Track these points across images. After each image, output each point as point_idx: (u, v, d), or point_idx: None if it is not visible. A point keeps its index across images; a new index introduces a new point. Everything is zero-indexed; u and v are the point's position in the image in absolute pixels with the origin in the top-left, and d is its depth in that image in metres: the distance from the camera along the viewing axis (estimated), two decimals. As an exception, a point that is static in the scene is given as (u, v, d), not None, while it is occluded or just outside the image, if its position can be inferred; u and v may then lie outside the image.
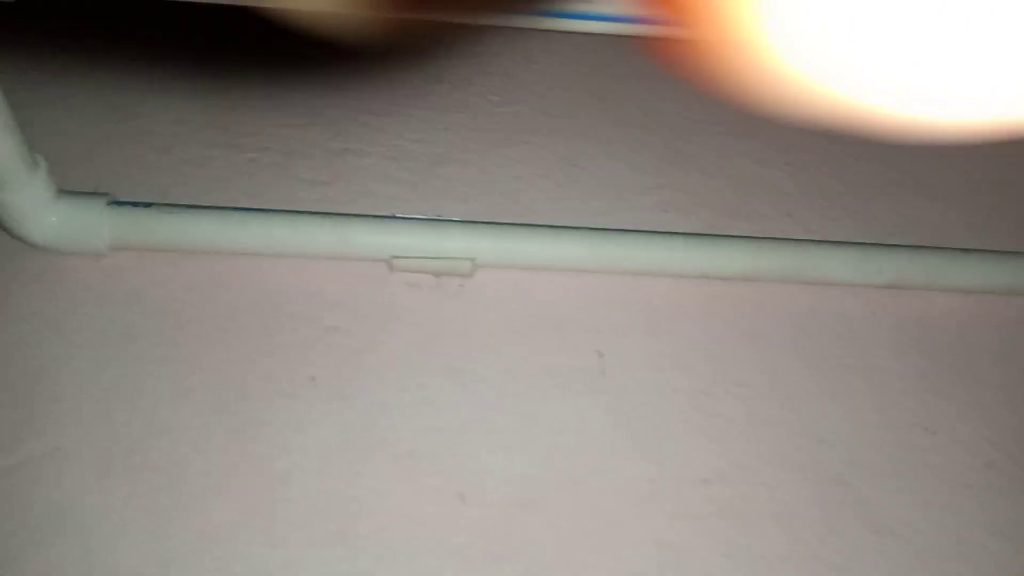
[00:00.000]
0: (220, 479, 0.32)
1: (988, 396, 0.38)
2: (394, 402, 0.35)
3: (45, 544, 0.30)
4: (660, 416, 0.36)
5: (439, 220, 0.38)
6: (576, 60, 0.49)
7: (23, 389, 0.34)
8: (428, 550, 0.32)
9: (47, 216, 0.35)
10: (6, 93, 0.30)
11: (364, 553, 0.32)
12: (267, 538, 0.31)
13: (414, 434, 0.34)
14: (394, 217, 0.38)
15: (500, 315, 0.38)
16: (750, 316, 0.39)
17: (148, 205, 0.37)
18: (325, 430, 0.34)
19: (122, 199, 0.37)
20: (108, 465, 0.32)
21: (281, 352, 0.36)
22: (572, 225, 0.40)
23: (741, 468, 0.35)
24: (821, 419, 0.37)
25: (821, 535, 0.34)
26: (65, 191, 0.36)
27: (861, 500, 0.35)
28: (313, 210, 0.39)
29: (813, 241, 0.39)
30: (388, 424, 0.34)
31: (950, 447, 0.37)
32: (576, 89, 0.48)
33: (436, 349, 0.37)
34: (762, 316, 0.40)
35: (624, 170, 0.44)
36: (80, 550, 0.30)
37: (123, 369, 0.35)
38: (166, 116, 0.44)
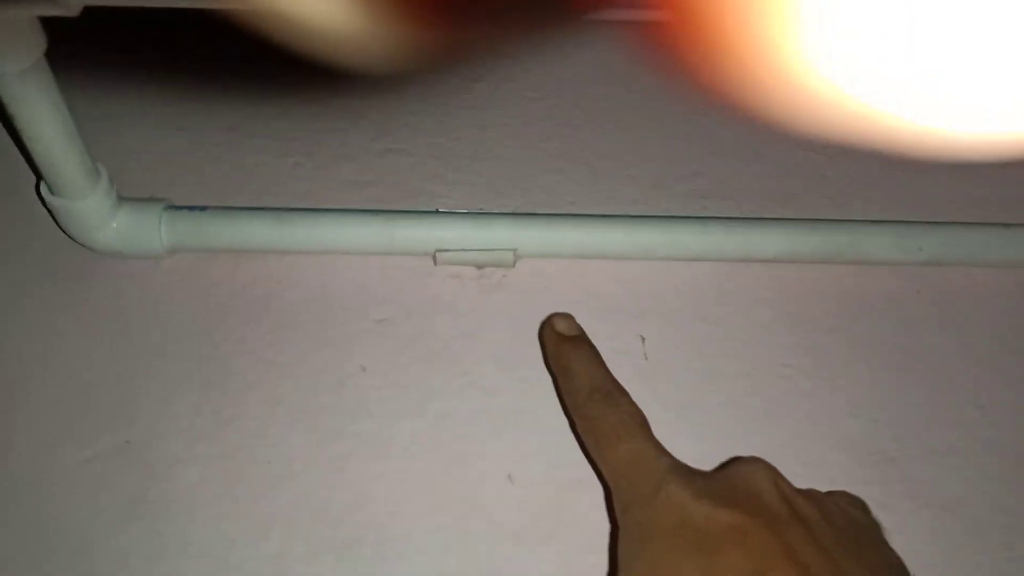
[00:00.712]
0: (281, 465, 0.34)
1: (1037, 370, 0.38)
2: (443, 388, 0.36)
3: (118, 531, 0.32)
4: (705, 398, 0.37)
5: (480, 213, 0.39)
6: (609, 54, 0.50)
7: (92, 388, 0.35)
8: (479, 528, 0.33)
9: (109, 223, 0.37)
10: (69, 105, 0.32)
11: (417, 532, 0.33)
12: (324, 519, 0.33)
13: (463, 419, 0.35)
14: (436, 212, 0.39)
15: (542, 303, 0.39)
16: (792, 298, 0.40)
17: (203, 209, 0.38)
18: (376, 416, 0.35)
19: (178, 204, 0.39)
20: (176, 455, 0.34)
21: (333, 345, 0.37)
22: (614, 214, 0.41)
23: (789, 447, 0.35)
24: (868, 398, 0.37)
25: (875, 512, 0.34)
26: (125, 198, 0.38)
27: (911, 476, 0.35)
28: (359, 208, 0.40)
29: (851, 221, 0.39)
30: (438, 410, 0.35)
31: (1000, 421, 0.37)
32: (610, 82, 0.49)
33: (482, 337, 0.38)
34: (804, 298, 0.40)
35: (660, 159, 0.45)
36: (151, 534, 0.32)
37: (186, 365, 0.36)
38: (217, 125, 0.45)
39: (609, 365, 0.36)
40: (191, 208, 0.38)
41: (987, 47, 0.07)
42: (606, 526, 0.33)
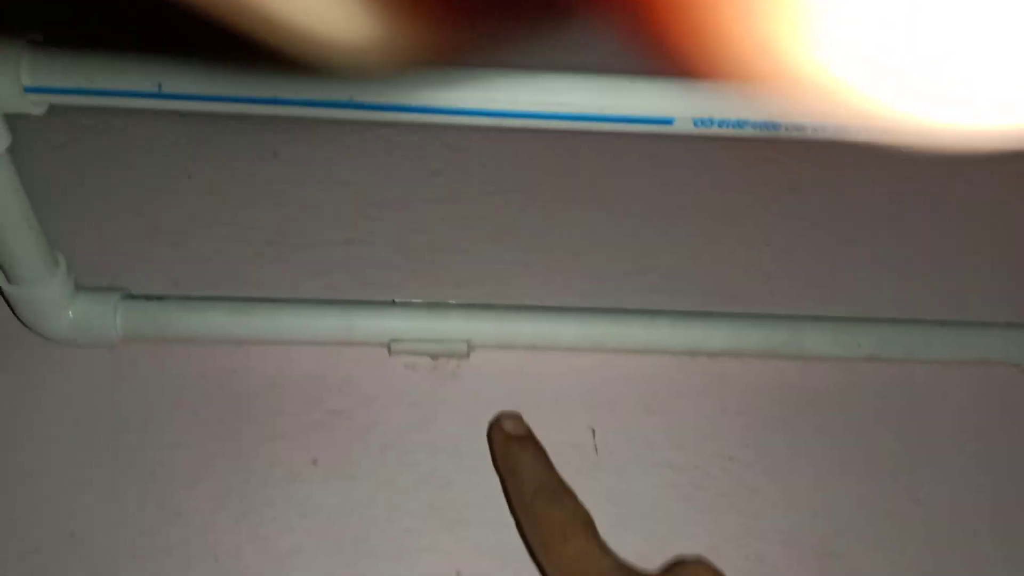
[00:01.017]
0: (227, 561, 0.33)
1: (970, 464, 0.39)
2: (394, 481, 0.36)
3: (55, 629, 0.31)
4: (652, 491, 0.37)
5: (435, 304, 0.40)
6: (567, 152, 0.52)
7: (38, 477, 0.35)
8: (428, 628, 0.33)
9: (65, 311, 0.37)
10: (27, 192, 0.33)
11: (365, 632, 0.32)
12: (270, 619, 0.32)
13: (413, 513, 0.35)
14: (393, 303, 0.40)
15: (495, 394, 0.39)
16: (738, 391, 0.41)
17: (160, 298, 0.39)
18: (326, 510, 0.35)
19: (135, 293, 0.39)
20: (120, 549, 0.33)
21: (285, 436, 0.37)
22: (565, 306, 0.42)
23: (733, 542, 0.36)
24: (811, 491, 0.38)
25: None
26: (81, 287, 0.38)
27: (853, 571, 0.36)
28: (317, 298, 0.41)
29: (792, 317, 0.41)
30: (388, 503, 0.36)
31: (936, 517, 0.38)
32: (567, 179, 0.51)
33: (434, 428, 0.38)
34: (749, 391, 0.41)
35: (614, 254, 0.47)
36: (89, 634, 0.31)
37: (134, 456, 0.36)
38: (178, 212, 0.46)
39: (560, 458, 0.36)
40: (148, 297, 0.39)
41: (985, 32, 0.07)
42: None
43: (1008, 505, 0.39)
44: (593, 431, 0.39)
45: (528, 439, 0.35)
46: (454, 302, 0.41)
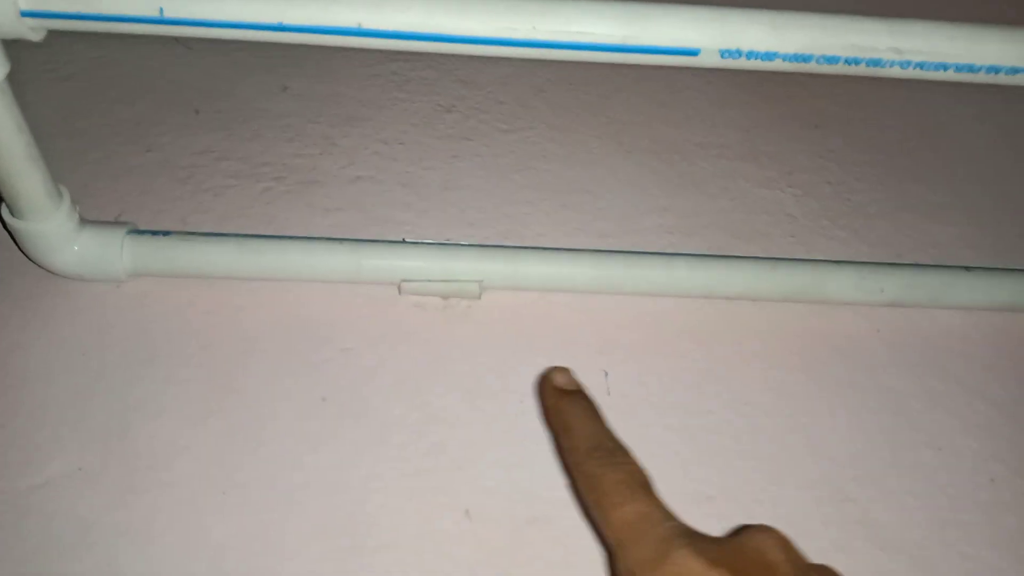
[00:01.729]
0: (235, 495, 0.33)
1: (992, 412, 0.39)
2: (403, 420, 0.36)
3: (70, 559, 0.31)
4: (665, 434, 0.37)
5: (446, 244, 0.39)
6: (584, 89, 0.51)
7: (46, 411, 0.35)
8: (434, 566, 0.33)
9: (70, 245, 0.36)
10: (32, 125, 0.32)
11: (372, 569, 0.32)
12: (279, 552, 0.32)
13: (422, 452, 0.35)
14: (403, 242, 0.39)
15: (507, 335, 0.39)
16: (755, 336, 0.40)
17: (166, 234, 0.38)
18: (335, 448, 0.35)
19: (142, 228, 0.39)
20: (130, 483, 0.33)
21: (294, 374, 0.37)
22: (579, 248, 0.41)
23: (746, 485, 0.36)
24: (828, 437, 0.37)
25: (827, 551, 0.34)
26: (87, 220, 0.37)
27: (868, 518, 0.35)
28: (326, 236, 0.40)
29: (814, 260, 0.40)
30: (397, 442, 0.35)
31: (955, 464, 0.37)
32: (584, 116, 0.49)
33: (445, 369, 0.38)
34: (767, 336, 0.40)
35: (629, 194, 0.45)
36: (103, 564, 0.31)
37: (143, 391, 0.36)
38: (186, 148, 0.45)
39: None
40: (154, 232, 0.38)
41: None
42: (565, 563, 0.33)
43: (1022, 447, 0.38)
44: (606, 373, 0.38)
45: (579, 394, 0.33)
46: (465, 242, 0.40)
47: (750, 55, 0.29)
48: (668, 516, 0.28)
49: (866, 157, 0.48)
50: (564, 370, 0.34)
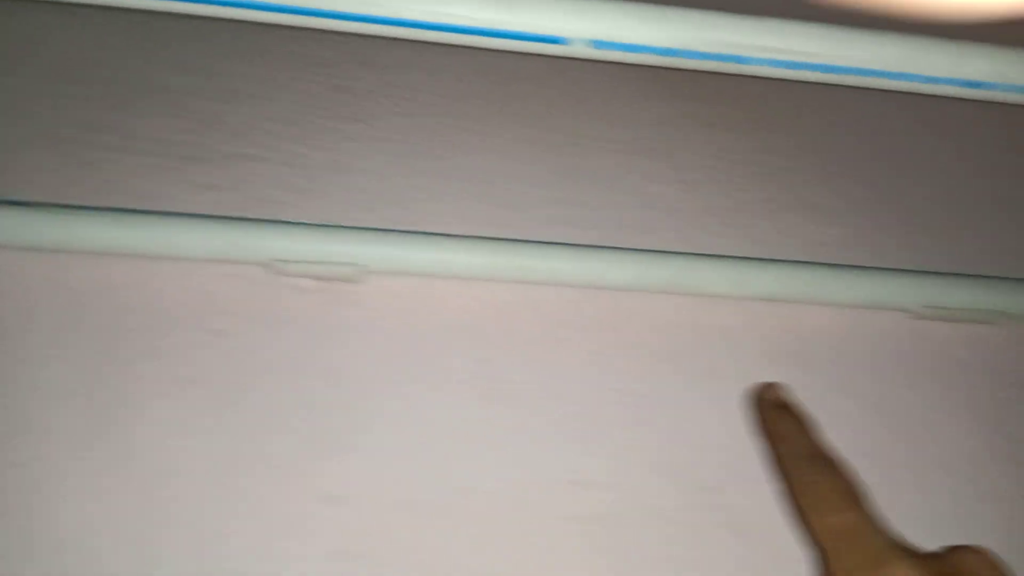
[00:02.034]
0: (95, 479, 0.32)
1: (852, 406, 0.40)
2: (273, 405, 0.35)
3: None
4: (540, 421, 0.37)
5: (325, 226, 0.38)
6: (482, 76, 0.50)
7: None
8: (301, 551, 0.32)
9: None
10: None
11: (237, 554, 0.32)
12: (141, 538, 0.31)
13: (291, 437, 0.35)
14: (281, 221, 0.38)
15: (387, 321, 0.38)
16: (634, 326, 0.41)
17: (30, 205, 0.36)
18: (201, 432, 0.34)
19: (7, 198, 0.37)
20: (-31, 464, 0.32)
21: (163, 355, 0.36)
22: (467, 235, 0.41)
23: (615, 472, 0.36)
24: (698, 427, 0.38)
25: (687, 538, 0.35)
26: (-57, 188, 0.35)
27: (729, 505, 0.36)
28: (201, 213, 0.39)
29: (691, 254, 0.41)
30: (266, 426, 0.35)
31: (815, 453, 0.38)
32: (482, 104, 0.49)
33: (320, 353, 0.37)
34: (645, 326, 0.41)
35: (522, 183, 0.46)
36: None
37: (0, 369, 0.34)
38: (65, 119, 0.43)
39: (450, 386, 0.36)
40: (16, 203, 0.36)
41: None
42: (435, 549, 0.33)
43: (887, 443, 0.39)
44: (486, 361, 0.38)
45: (797, 407, 0.35)
46: (347, 224, 0.40)
47: (620, 47, 0.29)
48: (883, 528, 0.29)
49: (755, 157, 0.49)
50: (783, 385, 0.36)
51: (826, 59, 0.29)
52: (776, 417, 0.34)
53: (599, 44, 0.29)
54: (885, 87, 0.31)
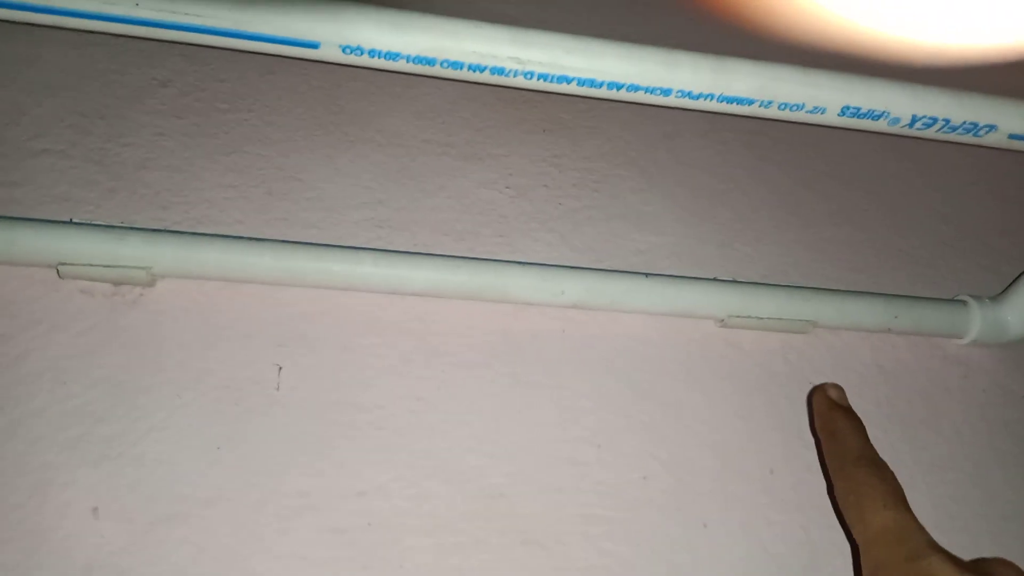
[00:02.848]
0: None
1: (657, 412, 0.41)
2: (42, 412, 0.34)
3: None
4: (329, 430, 0.37)
5: (116, 227, 0.37)
6: (316, 75, 0.49)
7: None
8: (56, 565, 0.31)
9: None
10: None
11: (-22, 570, 0.30)
12: None
13: (57, 445, 0.33)
14: (68, 222, 0.37)
15: (178, 326, 0.37)
16: (439, 332, 0.40)
17: None
18: (-41, 441, 0.33)
19: None
20: None
21: (-74, 359, 0.34)
22: (280, 239, 0.40)
23: (401, 481, 0.36)
24: (493, 434, 0.38)
25: (468, 546, 0.35)
26: None
27: (515, 512, 0.36)
28: (-9, 212, 0.37)
29: (498, 261, 0.41)
30: (30, 435, 0.33)
31: (611, 461, 0.39)
32: (310, 103, 0.48)
33: (102, 359, 0.36)
34: (453, 333, 0.41)
35: (344, 185, 0.45)
36: None
37: None
38: None
39: (239, 393, 0.35)
40: None
41: None
42: (199, 563, 0.32)
43: (694, 451, 0.40)
44: (279, 368, 0.38)
45: (851, 410, 0.37)
46: (144, 226, 0.39)
47: (372, 53, 0.28)
48: (922, 530, 0.31)
49: (587, 165, 0.50)
50: (839, 387, 0.38)
51: (580, 72, 0.29)
52: (834, 415, 0.36)
53: (348, 49, 0.28)
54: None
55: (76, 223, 0.37)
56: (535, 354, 0.41)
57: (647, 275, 0.42)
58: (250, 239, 0.38)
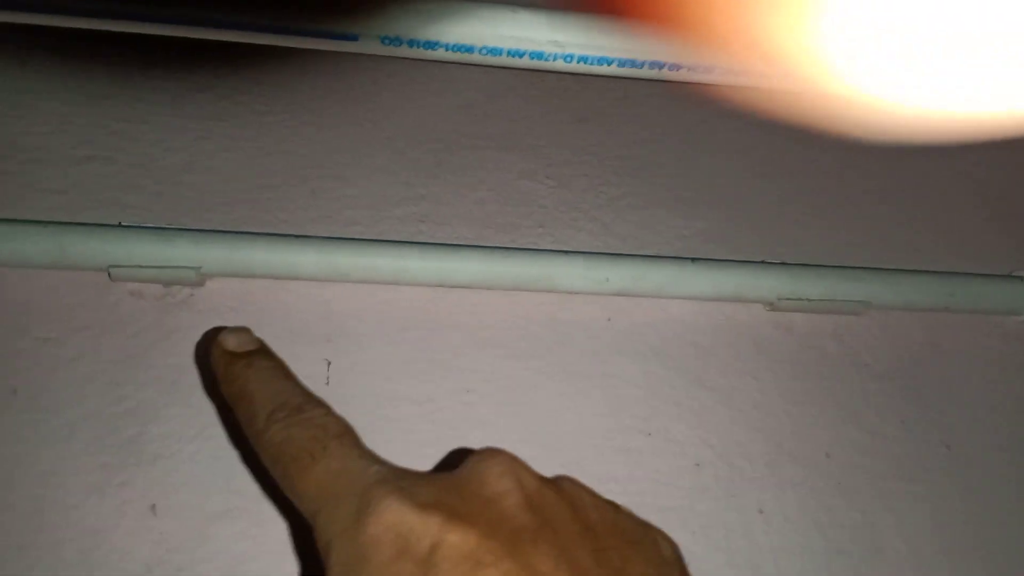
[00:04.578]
0: None
1: (707, 399, 0.40)
2: (98, 413, 0.34)
3: None
4: (380, 423, 0.37)
5: (163, 228, 0.38)
6: (353, 75, 0.50)
7: None
8: (115, 562, 0.31)
9: None
10: None
11: (43, 566, 0.31)
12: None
13: (112, 447, 0.34)
14: (117, 226, 0.37)
15: (227, 324, 0.37)
16: (485, 324, 0.40)
17: None
18: (20, 442, 0.33)
19: None
20: None
21: (-15, 364, 0.35)
22: (326, 236, 0.40)
23: (454, 473, 0.36)
24: (545, 424, 0.38)
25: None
26: None
27: (570, 502, 0.36)
28: (43, 219, 0.38)
29: (542, 251, 0.40)
30: (87, 436, 0.34)
31: (663, 448, 0.38)
32: (347, 102, 0.48)
33: (154, 360, 0.36)
34: (500, 324, 0.40)
35: (385, 181, 0.45)
36: None
37: None
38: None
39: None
40: None
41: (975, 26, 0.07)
42: (246, 559, 0.32)
43: (746, 437, 0.39)
44: (328, 362, 0.38)
45: (258, 354, 0.28)
46: (190, 227, 0.39)
47: (411, 43, 0.28)
48: (370, 462, 0.23)
49: (626, 152, 0.49)
50: (238, 330, 0.29)
51: (619, 53, 0.29)
52: (235, 372, 0.28)
53: (387, 40, 0.28)
54: (670, 78, 0.31)
55: (125, 226, 0.38)
56: (582, 343, 0.41)
57: (693, 260, 0.42)
58: (296, 236, 0.39)
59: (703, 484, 0.38)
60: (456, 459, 0.32)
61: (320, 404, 0.26)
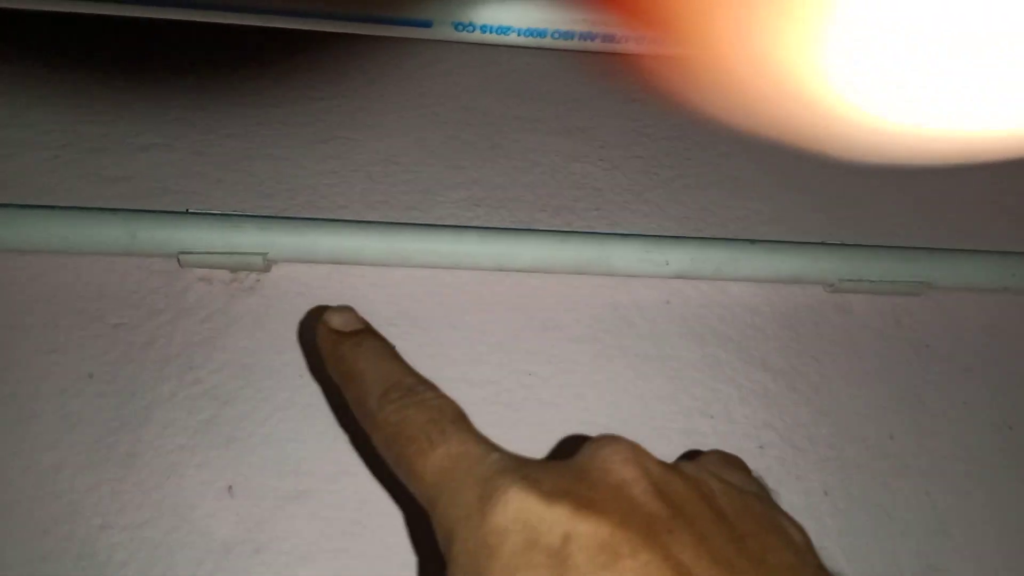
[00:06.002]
0: (-19, 478, 0.32)
1: (769, 381, 0.40)
2: (172, 396, 0.35)
3: None
4: (445, 406, 0.37)
5: (231, 215, 0.38)
6: (403, 59, 0.50)
7: None
8: (193, 543, 0.32)
9: None
10: None
11: (125, 546, 0.31)
12: (30, 531, 0.31)
13: (188, 429, 0.34)
14: (184, 212, 0.38)
15: (295, 310, 0.38)
16: (544, 307, 0.40)
17: (-77, 202, 0.36)
18: (97, 426, 0.34)
19: (-102, 196, 0.36)
20: None
21: (61, 349, 0.36)
22: (382, 220, 0.41)
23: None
24: (606, 406, 0.38)
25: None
26: None
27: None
28: (109, 207, 0.38)
29: (601, 234, 0.40)
30: (162, 419, 0.34)
31: (726, 431, 0.38)
32: (399, 88, 0.48)
33: (225, 344, 0.37)
34: (559, 307, 0.41)
35: (438, 166, 0.45)
36: None
37: None
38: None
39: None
40: (-94, 201, 0.36)
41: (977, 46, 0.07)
42: (324, 537, 0.33)
43: (807, 419, 0.39)
44: (393, 347, 0.38)
45: (366, 333, 0.28)
46: (252, 213, 0.39)
47: (484, 29, 0.28)
48: (489, 449, 0.22)
49: (678, 133, 0.49)
50: (343, 309, 0.28)
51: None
52: (342, 352, 0.27)
53: (461, 26, 0.28)
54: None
55: (193, 212, 0.38)
56: (641, 326, 0.41)
57: (752, 241, 0.42)
58: (359, 222, 0.39)
59: (767, 466, 0.38)
60: (569, 446, 0.32)
61: (432, 386, 0.25)
